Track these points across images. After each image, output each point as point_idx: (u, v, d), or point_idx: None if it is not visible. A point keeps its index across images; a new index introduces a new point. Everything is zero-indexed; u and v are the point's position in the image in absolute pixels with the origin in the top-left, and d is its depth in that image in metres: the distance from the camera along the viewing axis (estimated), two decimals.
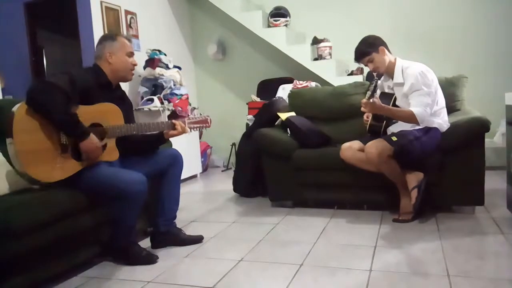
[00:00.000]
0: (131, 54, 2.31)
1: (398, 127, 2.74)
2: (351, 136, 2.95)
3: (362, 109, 2.73)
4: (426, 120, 2.59)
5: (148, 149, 2.41)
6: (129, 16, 4.45)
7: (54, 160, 1.97)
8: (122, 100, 2.37)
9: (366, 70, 3.88)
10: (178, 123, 2.29)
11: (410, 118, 2.57)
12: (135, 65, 2.34)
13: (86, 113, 2.05)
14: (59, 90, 1.94)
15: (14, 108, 1.94)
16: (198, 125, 2.36)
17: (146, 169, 2.25)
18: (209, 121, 2.38)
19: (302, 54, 4.62)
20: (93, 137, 2.02)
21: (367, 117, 2.82)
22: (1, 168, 2.06)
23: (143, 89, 4.44)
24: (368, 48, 2.72)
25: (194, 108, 4.98)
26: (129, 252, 2.18)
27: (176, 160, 2.41)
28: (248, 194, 3.62)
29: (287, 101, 3.73)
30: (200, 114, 2.41)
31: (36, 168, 1.93)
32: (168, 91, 4.42)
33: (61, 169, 1.99)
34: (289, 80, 4.60)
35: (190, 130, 2.35)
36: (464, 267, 1.92)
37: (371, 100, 2.60)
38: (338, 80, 4.37)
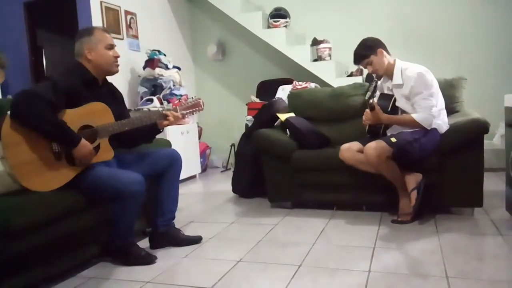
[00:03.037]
0: (111, 46, 2.22)
1: (397, 128, 2.74)
2: (350, 137, 2.95)
3: (364, 120, 2.75)
4: (433, 122, 2.60)
5: (144, 141, 2.40)
6: (129, 16, 4.45)
7: (50, 169, 1.96)
8: (111, 95, 2.34)
9: (366, 71, 3.88)
10: (169, 113, 2.25)
11: (415, 124, 2.59)
12: (117, 57, 2.24)
13: (74, 116, 2.02)
14: (42, 100, 1.90)
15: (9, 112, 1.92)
16: (191, 110, 2.31)
17: (145, 169, 2.25)
18: (201, 103, 2.32)
19: (301, 55, 4.62)
20: (84, 142, 2.00)
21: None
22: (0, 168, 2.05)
23: (142, 89, 4.43)
24: (366, 51, 2.73)
25: None
26: (128, 252, 2.18)
27: (175, 161, 2.40)
28: (247, 195, 3.62)
29: (286, 102, 3.73)
30: (192, 98, 2.34)
31: (32, 180, 1.92)
32: (168, 92, 4.42)
33: (57, 177, 1.98)
34: (288, 81, 4.61)
35: (184, 117, 2.31)
36: (462, 268, 1.92)
37: (373, 105, 2.62)
38: (337, 81, 4.38)
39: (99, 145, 2.11)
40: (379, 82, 2.97)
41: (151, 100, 4.25)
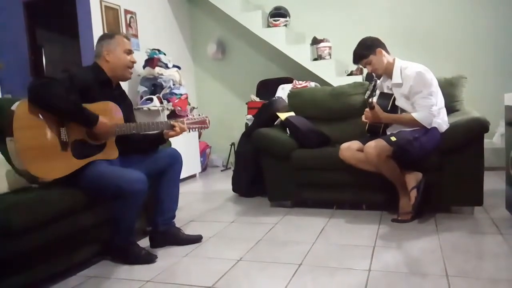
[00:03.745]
0: (129, 52, 2.32)
1: (397, 127, 2.74)
2: (350, 136, 2.95)
3: (363, 118, 2.75)
4: (433, 120, 2.60)
5: (148, 148, 2.42)
6: (128, 16, 4.45)
7: (54, 157, 1.98)
8: (122, 99, 2.38)
9: (366, 70, 3.88)
10: (177, 124, 2.29)
11: (414, 123, 2.59)
12: (134, 62, 2.34)
13: None
14: (59, 84, 1.99)
15: (13, 107, 1.94)
16: (196, 126, 2.35)
17: (145, 169, 2.25)
18: (207, 122, 2.37)
19: (301, 54, 4.62)
20: (102, 119, 2.07)
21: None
22: (0, 167, 2.06)
23: (142, 89, 4.43)
24: (365, 50, 2.73)
25: (194, 108, 4.98)
26: (128, 252, 2.18)
27: (176, 160, 2.41)
28: (247, 194, 3.62)
29: (286, 101, 3.73)
30: (199, 115, 2.40)
31: (36, 165, 1.94)
32: (168, 91, 4.42)
33: (61, 166, 2.00)
34: (288, 80, 4.60)
35: (189, 131, 2.35)
36: (462, 267, 1.92)
37: (373, 104, 2.62)
38: (337, 80, 4.37)
39: (105, 143, 2.14)
40: (378, 81, 2.97)
41: (151, 99, 4.25)
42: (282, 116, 3.34)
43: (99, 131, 2.07)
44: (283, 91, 4.28)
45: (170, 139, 2.44)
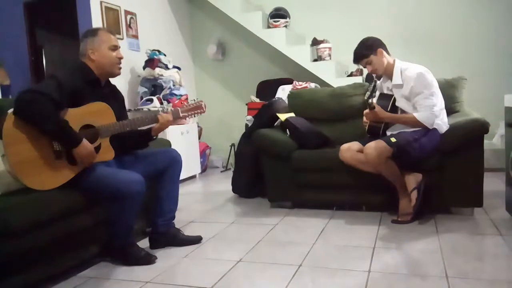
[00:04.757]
0: (114, 48, 2.23)
1: (397, 128, 2.74)
2: (350, 137, 2.95)
3: (365, 119, 2.75)
4: (434, 121, 2.60)
5: (138, 145, 2.38)
6: (129, 16, 4.45)
7: (50, 167, 1.96)
8: (113, 96, 2.35)
9: (366, 71, 3.88)
10: (160, 116, 2.25)
11: (416, 123, 2.59)
12: (121, 58, 2.25)
13: (76, 116, 2.02)
14: (46, 98, 1.91)
15: (10, 110, 1.92)
16: (192, 112, 2.33)
17: (145, 169, 2.25)
18: (203, 105, 2.34)
19: (301, 55, 4.62)
20: (85, 143, 1.99)
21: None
22: None
23: (142, 89, 4.43)
24: (366, 50, 2.73)
25: None
26: (128, 253, 2.18)
27: (175, 161, 2.40)
28: (247, 195, 3.62)
29: (286, 102, 3.73)
30: (194, 100, 2.37)
31: (32, 178, 1.92)
32: (168, 92, 4.42)
33: (57, 176, 1.98)
34: (288, 81, 4.61)
35: (185, 119, 2.31)
36: (462, 268, 1.92)
37: (373, 105, 2.62)
38: (337, 81, 4.38)
39: (100, 145, 2.11)
40: (378, 82, 2.97)
41: (151, 100, 4.25)
42: (282, 117, 3.34)
43: (79, 154, 1.98)
44: (283, 92, 4.28)
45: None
